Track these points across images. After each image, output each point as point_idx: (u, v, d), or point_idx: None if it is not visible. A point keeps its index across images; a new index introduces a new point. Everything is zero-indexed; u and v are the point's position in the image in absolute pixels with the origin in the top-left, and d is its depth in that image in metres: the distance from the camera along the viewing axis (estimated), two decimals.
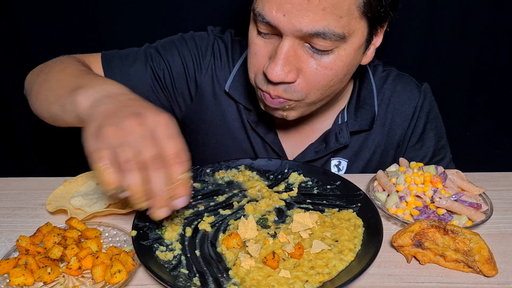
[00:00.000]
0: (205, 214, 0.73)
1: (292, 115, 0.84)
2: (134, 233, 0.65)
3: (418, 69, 1.35)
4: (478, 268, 0.60)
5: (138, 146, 0.55)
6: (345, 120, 0.95)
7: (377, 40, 0.81)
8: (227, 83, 0.96)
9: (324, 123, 0.97)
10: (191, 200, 0.77)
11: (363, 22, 0.73)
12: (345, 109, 0.96)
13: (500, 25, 1.31)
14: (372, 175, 0.82)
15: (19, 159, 1.56)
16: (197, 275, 0.60)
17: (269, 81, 0.76)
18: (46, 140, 1.55)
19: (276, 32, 0.73)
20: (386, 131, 0.98)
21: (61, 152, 1.56)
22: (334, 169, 0.98)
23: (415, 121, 0.98)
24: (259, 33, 0.76)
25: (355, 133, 0.96)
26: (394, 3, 0.75)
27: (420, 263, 0.63)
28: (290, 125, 0.97)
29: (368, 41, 0.78)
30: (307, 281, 0.58)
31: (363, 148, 0.98)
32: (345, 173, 0.98)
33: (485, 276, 0.61)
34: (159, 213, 0.57)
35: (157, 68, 0.95)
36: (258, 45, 0.77)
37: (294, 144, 0.98)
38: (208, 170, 0.83)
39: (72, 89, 0.67)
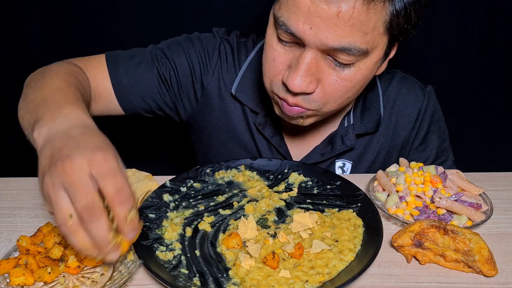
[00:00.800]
0: (205, 214, 0.73)
1: (308, 122, 0.84)
2: None
3: (418, 70, 1.35)
4: (478, 268, 0.60)
5: (71, 198, 0.51)
6: (351, 122, 0.95)
7: (392, 53, 0.81)
8: (234, 85, 0.96)
9: (330, 126, 0.97)
10: (191, 200, 0.77)
11: (385, 38, 0.72)
12: (351, 112, 0.96)
13: (499, 26, 1.31)
14: (372, 175, 0.82)
15: (19, 159, 1.56)
16: (197, 275, 0.60)
17: (288, 90, 0.75)
18: None
19: (299, 42, 0.72)
20: (390, 133, 0.98)
21: None
22: (338, 171, 0.98)
23: (419, 123, 0.98)
24: (280, 40, 0.75)
25: (360, 135, 0.96)
26: (418, 21, 0.74)
27: (420, 263, 0.63)
28: (296, 127, 0.96)
29: (386, 54, 0.78)
30: (307, 281, 0.58)
31: (367, 150, 0.98)
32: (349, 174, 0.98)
33: (485, 276, 0.61)
34: (110, 258, 0.54)
35: (163, 70, 0.95)
36: (277, 51, 0.76)
37: (299, 146, 0.99)
38: (208, 170, 0.83)
39: (34, 119, 0.64)
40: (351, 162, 0.98)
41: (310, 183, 0.82)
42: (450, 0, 1.27)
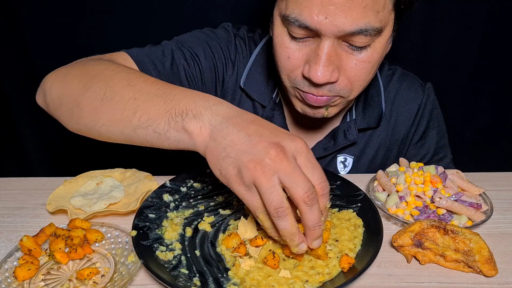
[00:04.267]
0: (205, 214, 0.73)
1: (333, 111, 0.84)
2: (134, 233, 0.65)
3: (418, 69, 1.35)
4: (478, 268, 0.60)
5: (288, 184, 0.53)
6: (354, 117, 0.97)
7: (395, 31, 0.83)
8: (242, 78, 0.97)
9: (333, 121, 0.99)
10: (191, 200, 0.77)
11: (393, 14, 0.75)
12: (353, 107, 0.97)
13: (500, 25, 1.31)
14: (372, 175, 0.82)
15: (19, 159, 1.56)
16: (197, 275, 0.60)
17: (312, 83, 0.76)
18: (46, 140, 1.55)
19: (313, 35, 0.73)
20: (391, 128, 1.00)
21: (62, 152, 1.57)
22: (340, 166, 0.99)
23: (418, 119, 1.00)
24: (292, 38, 0.75)
25: (362, 130, 0.98)
26: None
27: (420, 263, 0.63)
28: (300, 122, 0.98)
29: (395, 31, 0.80)
30: (307, 281, 0.58)
31: (368, 145, 1.00)
32: (351, 169, 1.00)
33: (485, 276, 0.61)
34: (313, 245, 0.58)
35: (188, 65, 0.93)
36: (291, 49, 0.76)
37: None
38: (208, 170, 0.83)
39: (170, 114, 0.60)
40: (353, 157, 0.99)
41: None
42: None
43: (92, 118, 0.68)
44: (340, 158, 0.99)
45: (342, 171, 1.00)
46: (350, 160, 0.99)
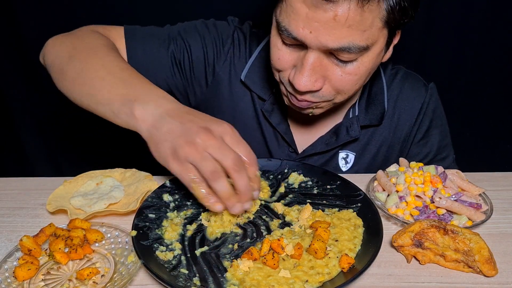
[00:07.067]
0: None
1: (318, 112, 0.87)
2: (134, 233, 0.65)
3: (418, 69, 1.35)
4: (478, 268, 0.60)
5: (217, 157, 0.62)
6: (356, 114, 0.97)
7: (396, 39, 0.83)
8: (243, 72, 0.98)
9: (335, 117, 0.99)
10: (191, 200, 0.77)
11: (385, 31, 0.75)
12: (356, 104, 0.98)
13: (500, 25, 1.31)
14: (372, 175, 0.82)
15: (19, 159, 1.56)
16: (197, 275, 0.60)
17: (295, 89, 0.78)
18: (46, 140, 1.55)
19: (301, 43, 0.75)
20: (393, 126, 1.00)
21: (62, 152, 1.57)
22: (341, 162, 1.00)
23: (421, 118, 1.00)
24: (284, 43, 0.78)
25: (364, 127, 0.99)
26: (415, 11, 0.75)
27: (420, 263, 0.63)
28: (302, 117, 0.99)
29: (388, 43, 0.80)
30: (307, 281, 0.58)
31: (370, 142, 1.00)
32: (352, 166, 1.00)
33: (485, 276, 0.61)
34: (245, 206, 0.67)
35: (178, 51, 0.96)
36: (282, 51, 0.79)
37: (304, 136, 1.01)
38: None
39: (124, 98, 0.71)
40: (354, 154, 1.00)
41: (310, 183, 0.82)
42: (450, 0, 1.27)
43: (70, 86, 0.81)
44: (341, 155, 1.00)
45: (344, 168, 1.00)
46: (352, 157, 1.00)
